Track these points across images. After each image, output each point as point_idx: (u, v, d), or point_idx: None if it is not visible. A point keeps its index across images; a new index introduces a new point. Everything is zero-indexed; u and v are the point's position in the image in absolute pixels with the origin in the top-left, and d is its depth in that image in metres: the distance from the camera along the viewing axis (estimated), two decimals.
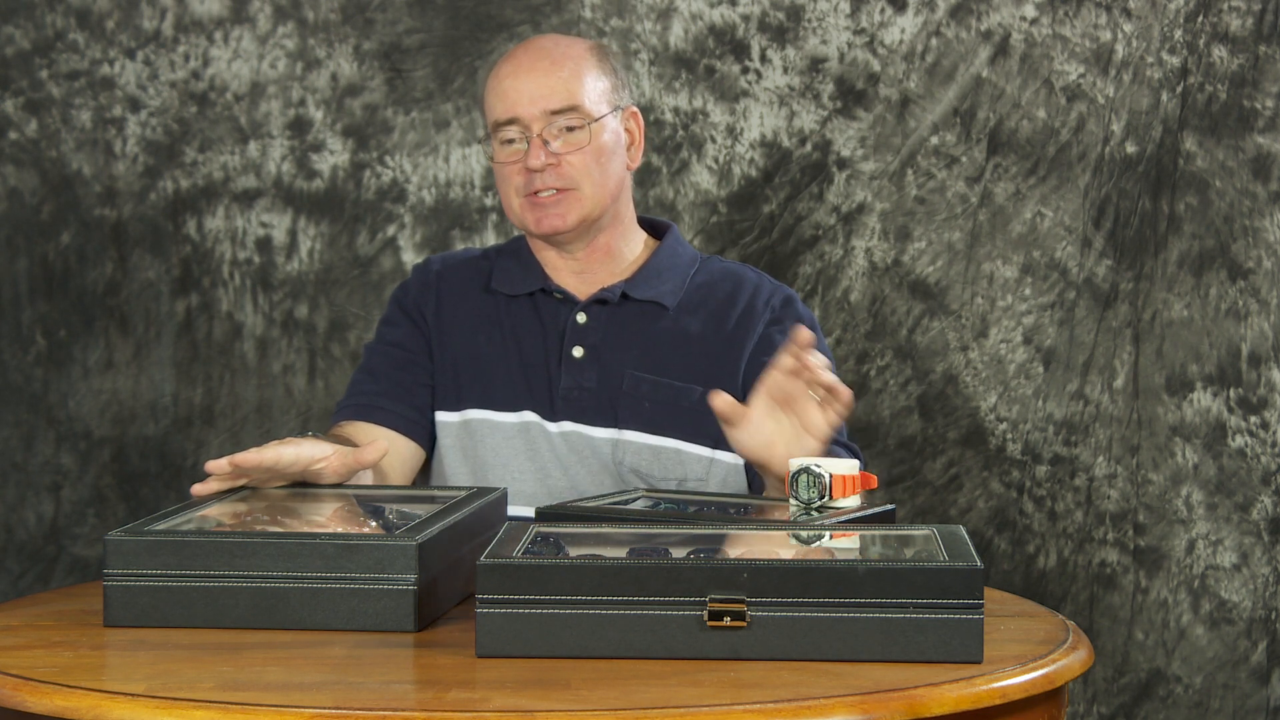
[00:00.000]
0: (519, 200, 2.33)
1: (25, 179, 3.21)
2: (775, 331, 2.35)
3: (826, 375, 2.02)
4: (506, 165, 2.33)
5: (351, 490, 2.12)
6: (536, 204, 2.32)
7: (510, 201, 2.35)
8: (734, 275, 2.42)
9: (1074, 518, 3.22)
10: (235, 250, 3.23)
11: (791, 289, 2.44)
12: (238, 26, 3.22)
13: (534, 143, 2.30)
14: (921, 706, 1.47)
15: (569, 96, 2.31)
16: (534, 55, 2.35)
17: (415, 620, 1.69)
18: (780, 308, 2.38)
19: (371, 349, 2.43)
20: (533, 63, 2.33)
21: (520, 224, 2.37)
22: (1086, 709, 3.23)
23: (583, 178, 2.32)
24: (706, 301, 2.38)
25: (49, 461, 3.23)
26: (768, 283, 2.42)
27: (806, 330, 2.02)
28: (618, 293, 2.37)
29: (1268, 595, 3.21)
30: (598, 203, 2.34)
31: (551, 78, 2.32)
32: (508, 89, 2.32)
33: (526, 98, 2.30)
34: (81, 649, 1.65)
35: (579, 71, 2.33)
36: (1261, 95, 3.19)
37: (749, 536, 1.82)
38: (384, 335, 2.43)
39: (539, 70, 2.32)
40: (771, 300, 2.39)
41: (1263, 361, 3.20)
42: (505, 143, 2.33)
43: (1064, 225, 3.21)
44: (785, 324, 2.34)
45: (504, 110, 2.32)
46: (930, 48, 3.21)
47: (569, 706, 1.43)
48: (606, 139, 2.33)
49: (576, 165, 2.31)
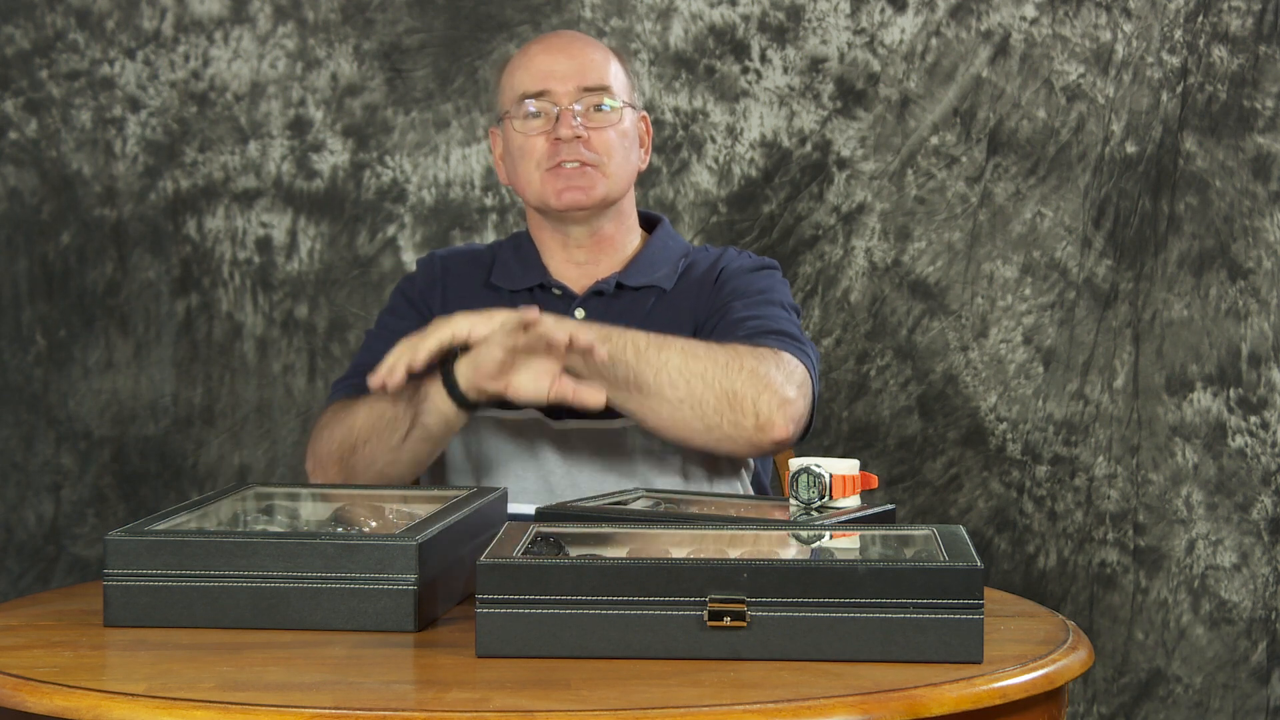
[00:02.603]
0: (540, 173, 2.32)
1: (25, 179, 3.22)
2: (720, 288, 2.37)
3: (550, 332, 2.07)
4: (530, 137, 2.32)
5: (352, 490, 2.12)
6: (560, 174, 2.31)
7: (529, 175, 2.33)
8: (716, 253, 2.43)
9: (1074, 518, 3.22)
10: (235, 250, 3.23)
11: (769, 259, 2.44)
12: (238, 26, 3.22)
13: (564, 114, 2.30)
14: (921, 706, 1.47)
15: (602, 76, 2.33)
16: (567, 38, 2.39)
17: (415, 620, 1.69)
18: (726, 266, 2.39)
19: (374, 335, 2.42)
20: (566, 43, 2.37)
21: (539, 199, 2.34)
22: (1086, 709, 3.23)
23: (608, 156, 2.32)
24: (693, 277, 2.39)
25: (49, 461, 3.23)
26: (744, 254, 2.43)
27: (532, 312, 2.06)
28: (613, 284, 2.37)
29: (1268, 595, 3.21)
30: (616, 186, 2.34)
31: (585, 57, 2.34)
32: (540, 64, 2.33)
33: (561, 72, 2.32)
34: (81, 649, 1.65)
35: (610, 59, 2.38)
36: (1261, 95, 3.19)
37: (749, 536, 1.82)
38: (387, 324, 2.42)
39: (573, 50, 2.35)
40: (731, 263, 2.39)
41: (1263, 361, 3.20)
42: (529, 116, 2.32)
43: (1064, 225, 3.21)
44: (727, 280, 2.36)
45: (534, 83, 2.32)
46: (930, 48, 3.21)
47: (569, 706, 1.43)
48: (629, 127, 2.35)
49: (605, 142, 2.32)
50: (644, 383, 2.12)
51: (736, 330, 2.25)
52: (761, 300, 2.32)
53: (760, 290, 2.34)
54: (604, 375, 2.12)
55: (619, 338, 2.13)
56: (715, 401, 2.12)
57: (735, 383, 2.12)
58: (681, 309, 2.35)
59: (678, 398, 2.11)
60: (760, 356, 2.15)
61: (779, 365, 2.16)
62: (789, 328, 2.27)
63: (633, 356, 2.11)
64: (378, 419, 2.21)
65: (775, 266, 2.42)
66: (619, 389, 2.12)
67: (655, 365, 2.12)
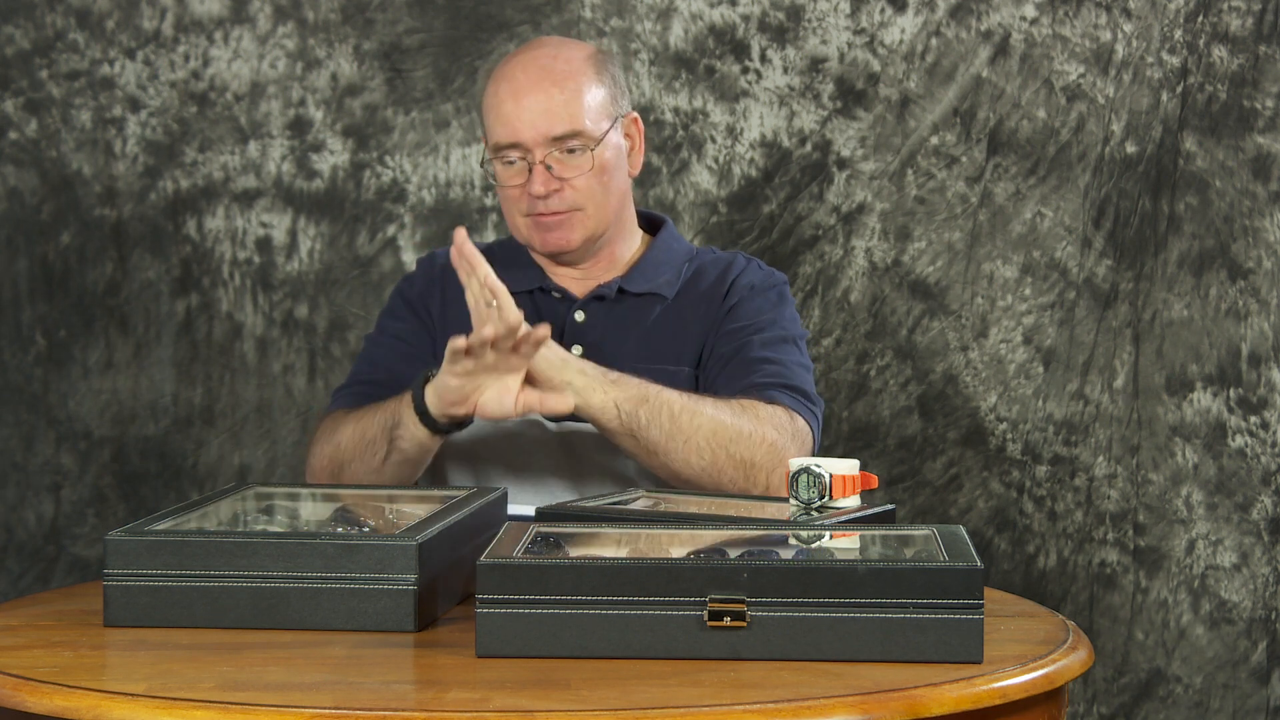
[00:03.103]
0: (524, 220, 2.35)
1: (25, 179, 3.21)
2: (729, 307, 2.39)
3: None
4: (510, 188, 2.34)
5: (352, 490, 2.12)
6: (541, 224, 2.33)
7: (515, 221, 2.36)
8: (724, 260, 2.43)
9: (1074, 518, 3.22)
10: (235, 250, 3.23)
11: (779, 273, 2.44)
12: (238, 26, 3.22)
13: (536, 169, 2.30)
14: (921, 706, 1.47)
15: (571, 121, 2.30)
16: (534, 75, 2.32)
17: (415, 620, 1.69)
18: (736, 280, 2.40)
19: (373, 340, 2.43)
20: (533, 84, 2.31)
21: (526, 243, 2.39)
22: (1086, 709, 3.23)
23: (586, 200, 2.33)
24: (699, 287, 2.39)
25: (49, 461, 3.23)
26: (752, 264, 2.43)
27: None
28: (614, 289, 2.37)
29: (1268, 595, 3.21)
30: (601, 221, 2.35)
31: (553, 101, 2.30)
32: (508, 113, 2.31)
33: (528, 123, 2.30)
34: (81, 649, 1.65)
35: (579, 90, 2.32)
36: (1261, 95, 3.19)
37: (749, 537, 1.82)
38: (386, 327, 2.43)
39: (540, 92, 2.30)
40: (742, 277, 2.40)
41: (1263, 361, 3.20)
42: (507, 164, 2.33)
43: (1064, 225, 3.21)
44: (739, 300, 2.37)
45: (505, 135, 2.32)
46: (930, 48, 3.21)
47: (569, 706, 1.43)
48: (609, 157, 2.33)
49: (580, 188, 2.32)
50: (672, 449, 2.18)
51: (753, 373, 2.29)
52: (777, 338, 2.34)
53: (773, 322, 2.36)
54: (635, 435, 2.17)
55: (655, 398, 2.18)
56: (733, 471, 2.19)
57: (755, 454, 2.19)
58: (688, 320, 2.36)
59: (701, 466, 2.19)
60: (779, 426, 2.22)
61: (794, 435, 2.24)
62: (803, 382, 2.32)
63: (668, 421, 2.17)
64: (359, 440, 2.23)
65: (784, 282, 2.43)
66: (643, 448, 2.19)
67: (687, 432, 2.18)
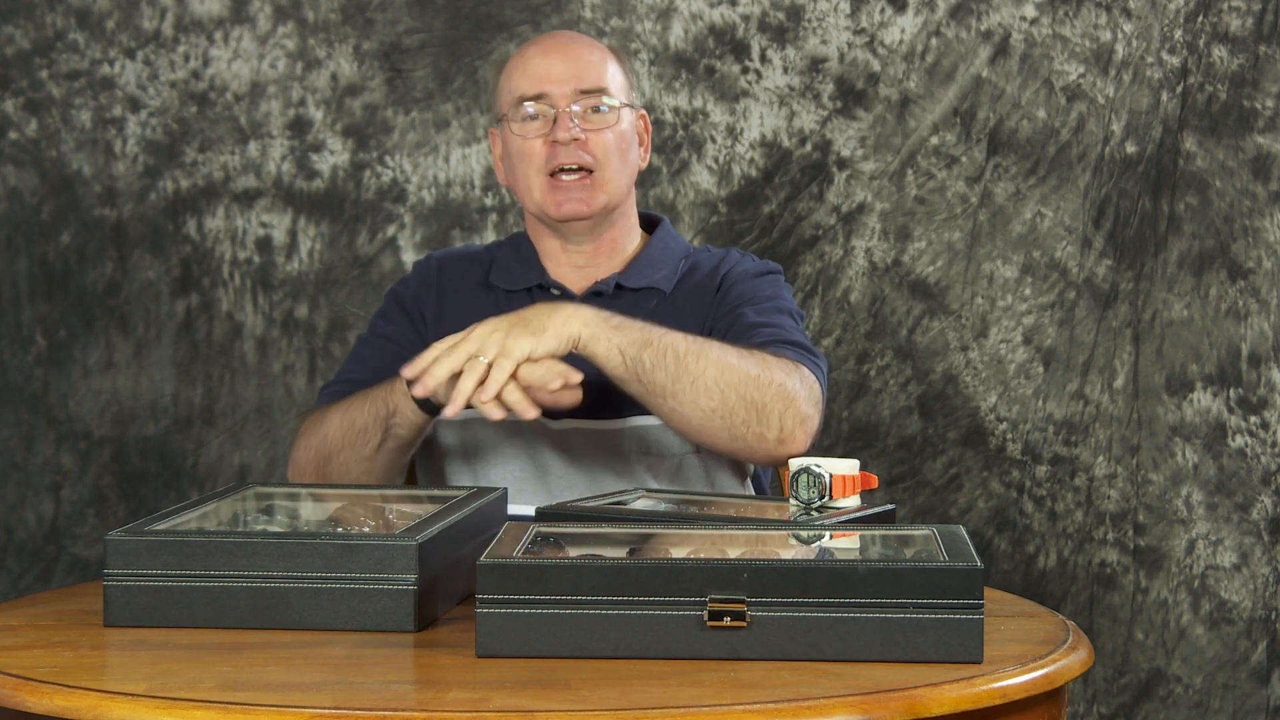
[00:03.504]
0: (540, 180, 2.32)
1: (25, 179, 3.22)
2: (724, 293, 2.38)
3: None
4: (528, 140, 2.32)
5: (352, 491, 2.12)
6: (559, 187, 2.31)
7: (529, 182, 2.33)
8: (718, 255, 2.43)
9: (1074, 518, 3.22)
10: (235, 250, 3.23)
11: (773, 263, 2.44)
12: (238, 26, 3.22)
13: (562, 116, 2.30)
14: (921, 706, 1.47)
15: (599, 78, 2.32)
16: (563, 39, 2.37)
17: (415, 620, 1.69)
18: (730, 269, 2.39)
19: (364, 340, 2.43)
20: (563, 45, 2.35)
21: (539, 208, 2.34)
22: (1086, 709, 3.23)
23: (606, 159, 2.31)
24: (695, 281, 2.38)
25: (49, 461, 3.23)
26: (747, 256, 2.43)
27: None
28: (612, 284, 2.37)
29: (1268, 595, 3.21)
30: (618, 188, 2.34)
31: (582, 60, 2.33)
32: (536, 66, 2.32)
33: (557, 75, 2.31)
34: (81, 649, 1.65)
35: (606, 59, 2.36)
36: (1261, 95, 3.19)
37: (749, 536, 1.82)
38: (377, 328, 2.42)
39: (570, 51, 2.34)
40: (736, 266, 2.39)
41: (1263, 361, 3.20)
42: (526, 119, 2.32)
43: (1064, 225, 3.21)
44: (733, 284, 2.36)
45: (531, 85, 2.31)
46: (930, 48, 3.21)
47: (569, 706, 1.43)
48: (627, 129, 2.34)
49: (602, 145, 2.31)
50: (680, 390, 2.12)
51: (751, 336, 2.25)
52: (771, 308, 2.32)
53: (768, 297, 2.34)
54: (641, 379, 2.12)
55: (659, 341, 2.12)
56: (745, 414, 2.12)
57: (765, 396, 2.13)
58: (684, 312, 2.35)
59: (710, 407, 2.12)
60: (786, 370, 2.16)
61: (801, 380, 2.17)
62: (801, 339, 2.28)
63: (673, 363, 2.11)
64: (348, 429, 2.22)
65: (778, 270, 2.42)
66: (651, 393, 2.12)
67: (694, 373, 2.11)
